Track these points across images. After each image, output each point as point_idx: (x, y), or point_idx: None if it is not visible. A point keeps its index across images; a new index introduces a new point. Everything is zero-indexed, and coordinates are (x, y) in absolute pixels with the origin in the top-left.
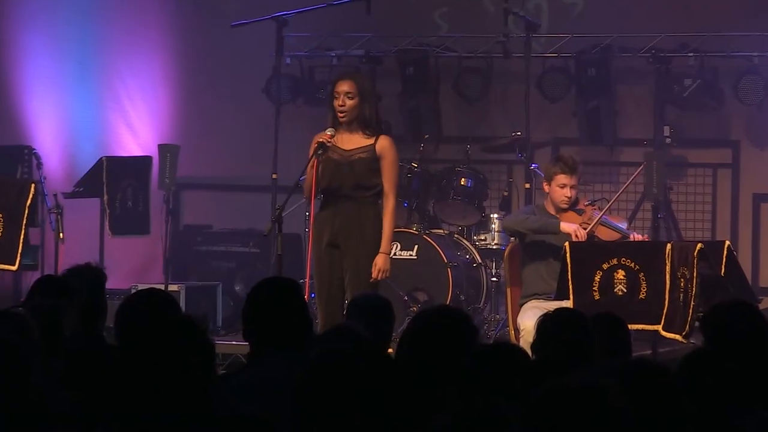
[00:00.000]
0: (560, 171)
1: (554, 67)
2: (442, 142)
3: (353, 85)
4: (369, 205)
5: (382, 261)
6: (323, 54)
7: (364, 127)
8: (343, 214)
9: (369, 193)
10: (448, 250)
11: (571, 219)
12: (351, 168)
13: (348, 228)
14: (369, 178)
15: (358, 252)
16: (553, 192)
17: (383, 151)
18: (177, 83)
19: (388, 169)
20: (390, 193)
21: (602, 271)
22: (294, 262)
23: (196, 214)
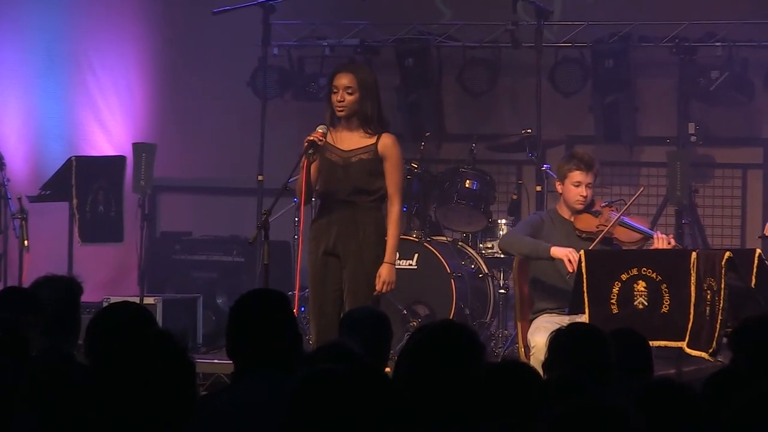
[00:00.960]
0: (575, 168)
1: (568, 58)
2: (445, 140)
3: (353, 78)
4: (370, 211)
5: (387, 272)
6: (314, 43)
7: (365, 125)
8: (341, 221)
9: (370, 198)
10: (451, 259)
11: (587, 221)
12: (349, 170)
13: (347, 236)
14: (370, 181)
15: (357, 262)
16: (567, 191)
17: (386, 150)
18: (154, 76)
19: (392, 170)
20: (395, 197)
21: (621, 282)
22: (282, 273)
23: (174, 220)
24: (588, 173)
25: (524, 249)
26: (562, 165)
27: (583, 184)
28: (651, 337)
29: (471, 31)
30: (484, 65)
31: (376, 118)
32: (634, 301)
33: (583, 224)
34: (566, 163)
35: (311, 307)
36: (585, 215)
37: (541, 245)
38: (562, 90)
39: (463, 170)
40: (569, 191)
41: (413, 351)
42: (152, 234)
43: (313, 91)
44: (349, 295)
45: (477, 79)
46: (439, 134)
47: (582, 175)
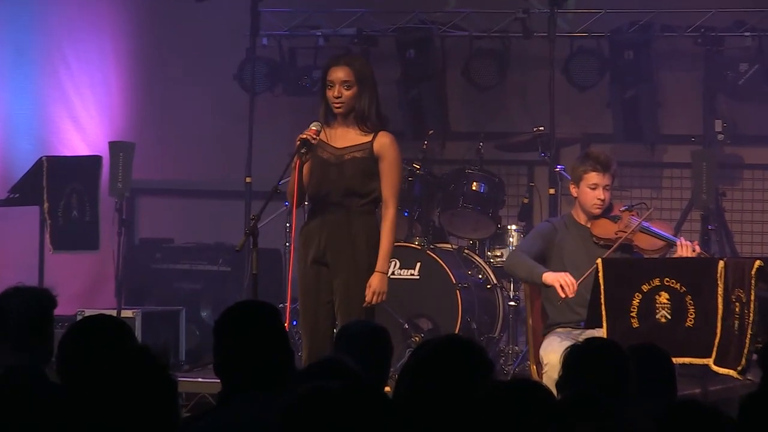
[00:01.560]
0: (591, 169)
1: (584, 49)
2: (450, 138)
3: (351, 71)
4: (363, 216)
5: (378, 281)
6: (307, 33)
7: (362, 122)
8: (331, 225)
9: (363, 201)
10: (456, 268)
11: (605, 227)
12: (342, 169)
13: (338, 242)
14: (363, 182)
15: (349, 271)
16: (583, 195)
17: (383, 149)
18: (132, 69)
19: (389, 171)
20: (390, 201)
21: (642, 294)
22: (272, 283)
23: (154, 226)
24: (605, 174)
25: (521, 273)
26: (577, 166)
27: (600, 187)
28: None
29: (478, 20)
30: (493, 57)
31: (373, 115)
32: (656, 314)
33: (600, 230)
34: (581, 164)
35: (302, 321)
36: (603, 220)
37: (535, 270)
38: (577, 84)
39: (469, 171)
40: (585, 195)
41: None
42: (130, 241)
43: (306, 84)
44: (341, 308)
45: (485, 72)
46: (444, 132)
47: (598, 177)
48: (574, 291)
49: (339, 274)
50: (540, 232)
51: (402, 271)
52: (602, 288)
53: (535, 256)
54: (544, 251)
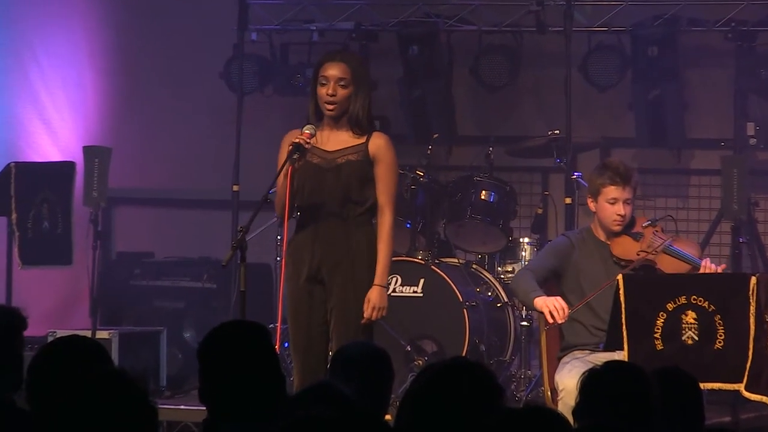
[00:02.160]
0: (609, 182)
1: (603, 45)
2: (456, 143)
3: (347, 69)
4: (362, 225)
5: (377, 295)
6: (300, 28)
7: (354, 124)
8: (326, 237)
9: (360, 209)
10: (463, 285)
11: (626, 246)
12: (337, 174)
13: (333, 256)
14: (360, 188)
15: (347, 287)
16: (602, 210)
17: (378, 152)
18: (109, 68)
19: (385, 175)
20: (386, 207)
21: (667, 313)
22: (262, 301)
23: (132, 238)
24: (625, 188)
25: (519, 296)
26: (594, 178)
27: (620, 201)
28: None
29: (488, 13)
30: (504, 53)
31: (365, 119)
32: (683, 335)
33: (620, 250)
34: (598, 176)
35: (293, 344)
36: (623, 238)
37: (530, 295)
38: (596, 83)
39: (478, 179)
40: (604, 210)
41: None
42: (107, 255)
43: (299, 84)
44: (337, 328)
45: (495, 71)
46: (450, 136)
47: (618, 191)
48: (564, 317)
49: (336, 292)
50: (555, 248)
51: (404, 288)
52: (623, 307)
53: (546, 274)
54: (558, 269)
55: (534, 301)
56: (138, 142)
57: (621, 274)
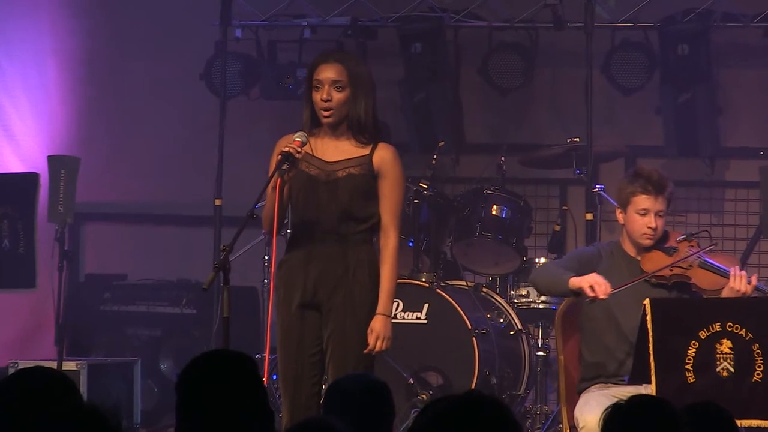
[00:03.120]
0: (640, 191)
1: (628, 42)
2: (465, 152)
3: (343, 70)
4: (361, 245)
5: (382, 325)
6: (290, 23)
7: (357, 132)
8: (322, 258)
9: (361, 228)
10: (472, 311)
11: (658, 261)
12: (335, 189)
13: (330, 279)
14: (362, 204)
15: (344, 313)
16: (631, 222)
17: (384, 166)
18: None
19: (391, 192)
20: (391, 226)
21: (699, 342)
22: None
23: (103, 259)
24: (658, 198)
25: (542, 282)
26: (625, 187)
27: (652, 213)
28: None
29: (499, 7)
30: (517, 52)
31: (370, 124)
32: (717, 367)
33: (652, 265)
34: (629, 184)
35: (282, 375)
36: (655, 253)
37: (561, 277)
38: (620, 85)
39: (488, 192)
40: (634, 222)
41: None
42: (74, 277)
43: (289, 86)
44: (333, 359)
45: (507, 71)
46: (457, 144)
47: (650, 201)
48: (607, 293)
49: (332, 318)
50: (580, 255)
51: (406, 314)
52: (650, 334)
53: None
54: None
55: (569, 281)
56: (109, 151)
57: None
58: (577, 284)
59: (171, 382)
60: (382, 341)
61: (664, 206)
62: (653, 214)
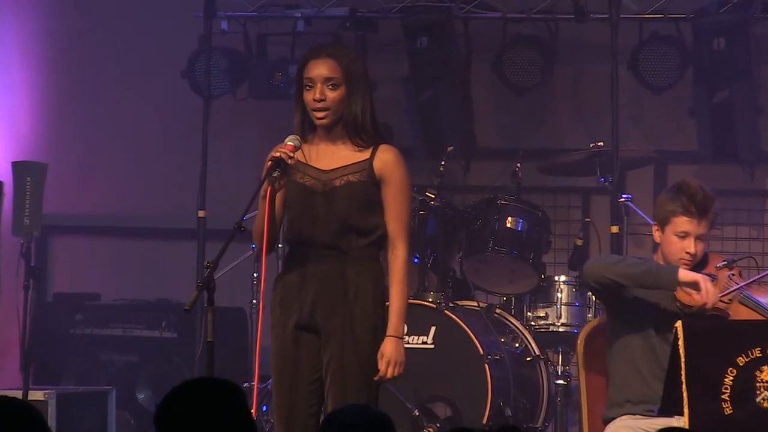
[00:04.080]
0: (681, 211)
1: (658, 36)
2: (476, 157)
3: (336, 66)
4: (365, 261)
5: (393, 348)
6: (281, 15)
7: (353, 134)
8: (320, 277)
9: (364, 242)
10: (484, 334)
11: None
12: (333, 199)
13: (329, 299)
14: (363, 215)
15: (344, 337)
16: (668, 244)
17: (386, 170)
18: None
19: (396, 199)
20: (398, 238)
21: (737, 369)
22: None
23: (74, 276)
24: (700, 221)
25: (635, 268)
26: (664, 203)
27: (692, 237)
28: None
29: None
30: (534, 47)
31: (369, 125)
32: (757, 397)
33: (687, 295)
34: (670, 201)
35: (276, 405)
36: None
37: (664, 266)
38: (649, 83)
39: (502, 202)
40: (671, 244)
41: None
42: (42, 297)
43: (280, 84)
44: (333, 388)
45: (523, 68)
46: (467, 149)
47: (690, 224)
48: (713, 303)
49: (332, 342)
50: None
51: (411, 338)
52: (683, 361)
53: None
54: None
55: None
56: (80, 157)
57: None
58: (692, 278)
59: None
60: (395, 366)
61: (706, 230)
62: (693, 238)
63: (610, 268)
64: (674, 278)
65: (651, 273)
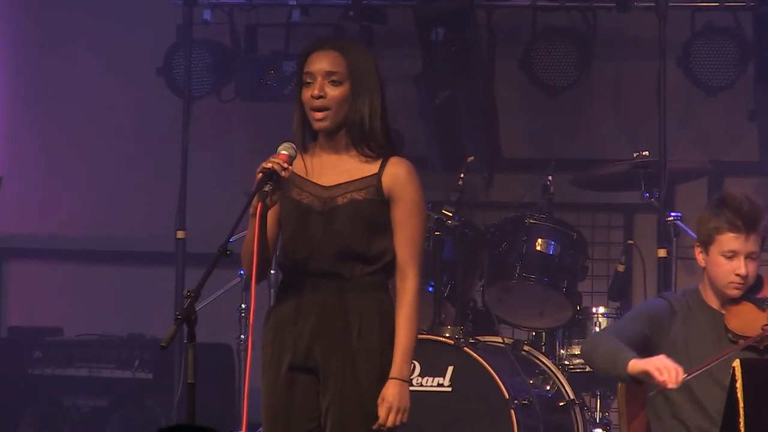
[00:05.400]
0: (726, 227)
1: (713, 27)
2: (501, 169)
3: (340, 60)
4: (370, 292)
5: (396, 393)
6: (274, 2)
7: (360, 143)
8: (316, 310)
9: (369, 269)
10: (510, 375)
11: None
12: (333, 220)
13: (327, 337)
14: (369, 239)
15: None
16: (714, 266)
17: (396, 186)
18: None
19: (407, 219)
20: (408, 265)
21: None
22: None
23: (31, 307)
24: (749, 237)
25: (599, 360)
26: (706, 220)
27: (741, 256)
28: None
29: None
30: (569, 40)
31: (378, 131)
32: None
33: (738, 323)
34: (712, 217)
35: None
36: (745, 306)
37: (621, 355)
38: (701, 83)
39: (531, 222)
40: (718, 266)
41: None
42: None
43: (273, 83)
44: None
45: (556, 65)
46: (491, 159)
47: (739, 241)
48: (677, 381)
49: (331, 387)
50: (649, 312)
51: (424, 380)
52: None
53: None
54: (649, 340)
55: (630, 363)
56: (39, 170)
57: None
58: (640, 368)
59: None
60: (397, 413)
61: (758, 246)
62: (743, 258)
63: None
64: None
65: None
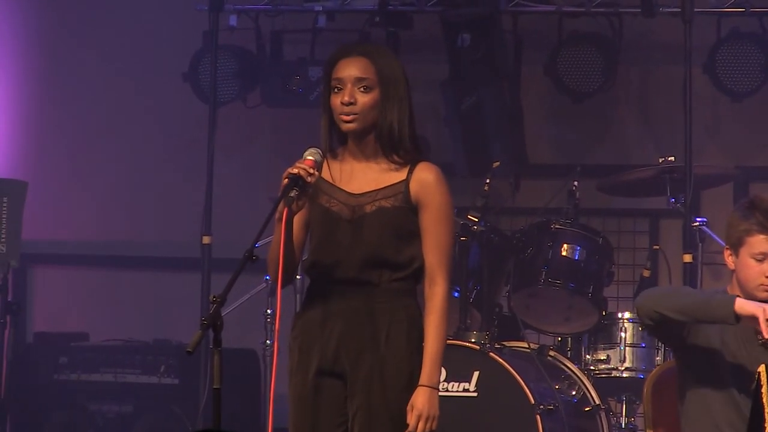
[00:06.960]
0: (757, 229)
1: (739, 33)
2: (527, 175)
3: (370, 66)
4: (398, 298)
5: (426, 400)
6: (300, 8)
7: (388, 148)
8: (344, 316)
9: (398, 275)
10: (536, 381)
11: None
12: (362, 227)
13: (355, 343)
14: (397, 246)
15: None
16: (745, 268)
17: (425, 192)
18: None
19: (435, 226)
20: (437, 272)
21: None
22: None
23: (57, 313)
24: None
25: (683, 300)
26: (736, 223)
27: None
28: None
29: None
30: (595, 46)
31: (407, 137)
32: None
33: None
34: (742, 219)
35: None
36: None
37: (718, 295)
38: (727, 88)
39: (557, 227)
40: (748, 268)
41: None
42: (20, 337)
43: (298, 89)
44: None
45: (582, 71)
46: (517, 165)
47: None
48: None
49: (358, 394)
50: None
51: (450, 385)
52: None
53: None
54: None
55: (738, 301)
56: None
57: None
58: (751, 311)
59: None
60: (426, 421)
61: None
62: None
63: (661, 301)
64: (730, 310)
65: (705, 304)
